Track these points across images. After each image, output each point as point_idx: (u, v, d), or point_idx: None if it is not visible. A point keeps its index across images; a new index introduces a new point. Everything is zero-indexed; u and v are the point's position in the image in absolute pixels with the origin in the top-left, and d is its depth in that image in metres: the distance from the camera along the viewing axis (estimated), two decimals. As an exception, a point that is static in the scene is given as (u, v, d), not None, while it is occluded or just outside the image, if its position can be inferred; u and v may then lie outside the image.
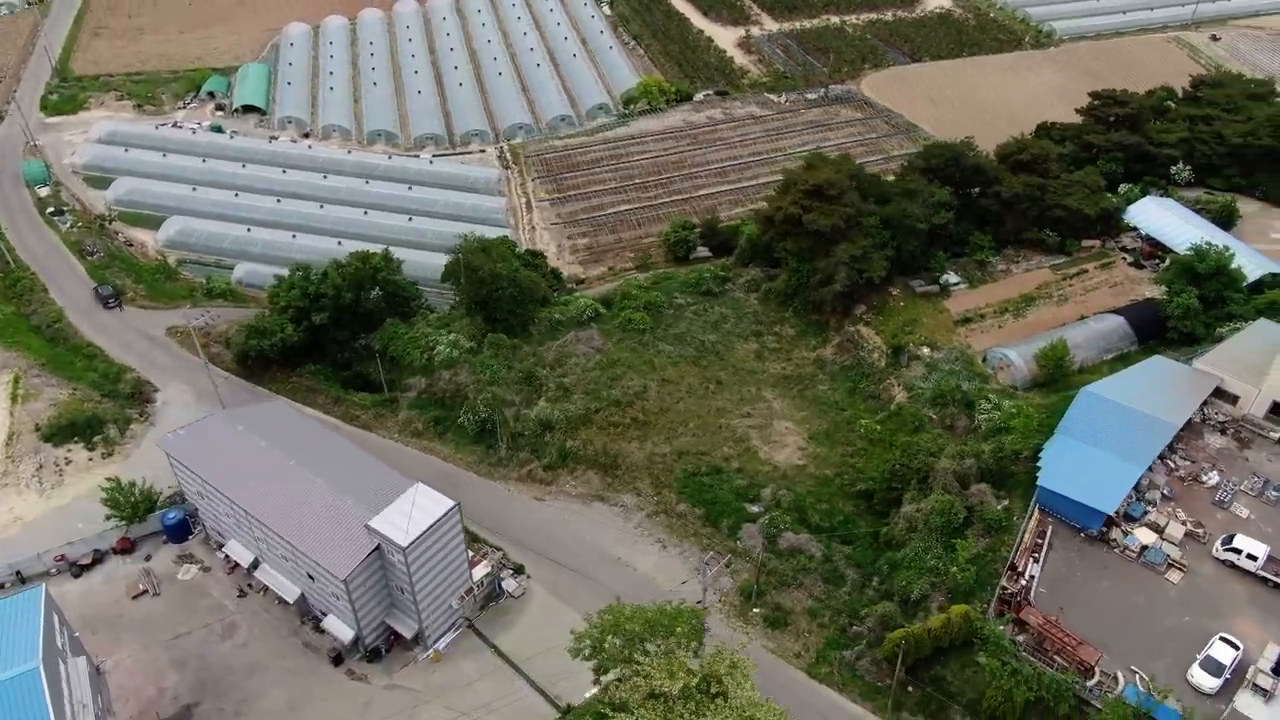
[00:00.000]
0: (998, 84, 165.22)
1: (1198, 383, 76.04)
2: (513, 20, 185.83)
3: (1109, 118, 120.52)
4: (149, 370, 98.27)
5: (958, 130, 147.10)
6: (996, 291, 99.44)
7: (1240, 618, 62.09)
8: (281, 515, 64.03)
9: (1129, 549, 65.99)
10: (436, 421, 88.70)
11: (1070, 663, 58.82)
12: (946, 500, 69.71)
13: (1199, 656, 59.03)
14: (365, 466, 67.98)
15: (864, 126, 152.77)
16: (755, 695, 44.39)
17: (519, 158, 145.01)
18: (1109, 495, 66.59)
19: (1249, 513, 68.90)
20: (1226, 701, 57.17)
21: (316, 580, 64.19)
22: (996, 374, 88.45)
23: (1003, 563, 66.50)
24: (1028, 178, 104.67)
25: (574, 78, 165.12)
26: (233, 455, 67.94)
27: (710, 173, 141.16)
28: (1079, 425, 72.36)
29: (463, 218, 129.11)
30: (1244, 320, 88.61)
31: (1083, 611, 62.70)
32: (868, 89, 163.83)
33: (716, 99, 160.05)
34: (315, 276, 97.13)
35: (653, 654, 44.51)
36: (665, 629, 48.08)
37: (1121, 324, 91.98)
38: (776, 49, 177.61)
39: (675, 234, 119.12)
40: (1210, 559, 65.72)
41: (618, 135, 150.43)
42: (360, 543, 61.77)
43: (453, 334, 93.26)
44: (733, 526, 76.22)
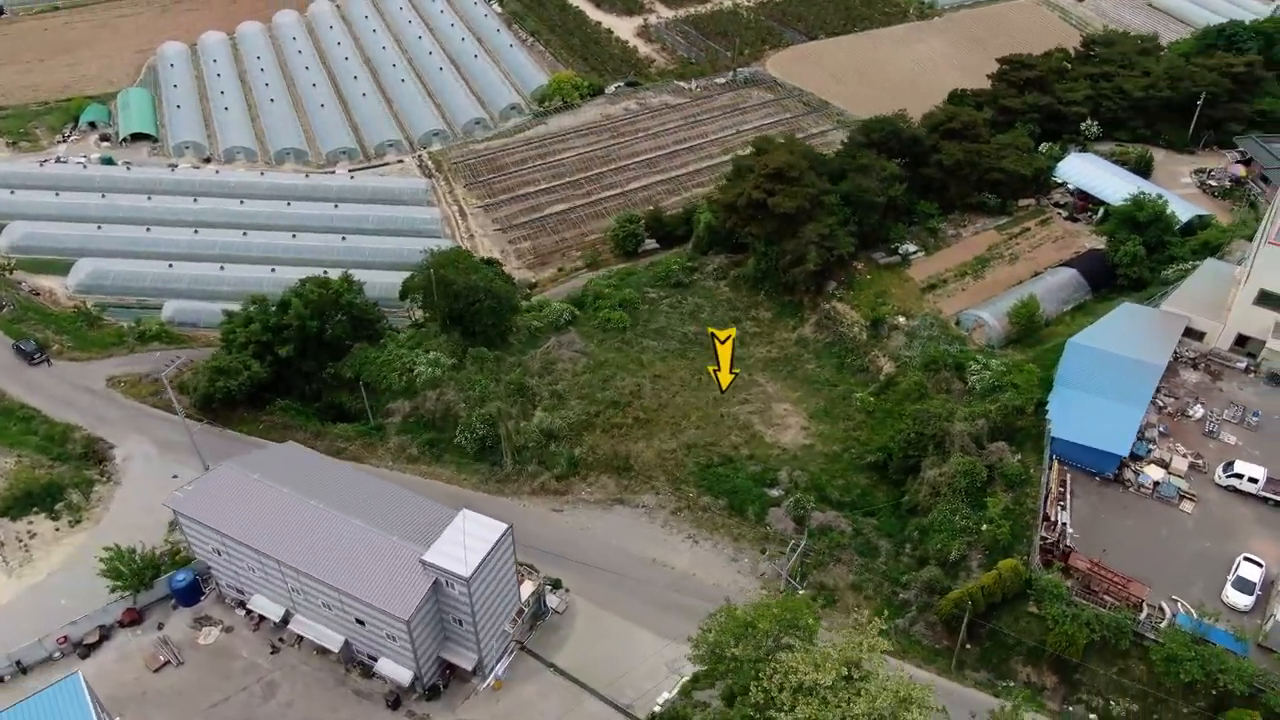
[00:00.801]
0: (893, 56, 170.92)
1: (1169, 324, 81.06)
2: (403, 25, 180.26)
3: (1019, 81, 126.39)
4: (97, 426, 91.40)
5: (867, 104, 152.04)
6: (952, 256, 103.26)
7: (1253, 537, 66.77)
8: (323, 561, 60.80)
9: (1143, 487, 69.98)
10: (431, 444, 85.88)
11: (1120, 600, 62.03)
12: (968, 461, 72.16)
13: (1229, 578, 63.21)
14: (400, 500, 65.17)
15: (778, 107, 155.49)
16: (894, 675, 45.14)
17: (441, 165, 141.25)
18: (1120, 438, 70.37)
19: (1236, 439, 74.08)
20: (1261, 616, 61.46)
21: (367, 624, 61.32)
22: (971, 335, 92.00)
23: (1030, 515, 69.38)
24: (963, 144, 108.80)
25: (480, 79, 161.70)
26: (254, 505, 63.97)
27: (639, 164, 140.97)
28: (1075, 376, 76.08)
29: (397, 232, 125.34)
30: (1183, 262, 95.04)
31: (1114, 550, 66.09)
32: (774, 69, 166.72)
33: (628, 90, 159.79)
34: (272, 308, 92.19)
35: (796, 648, 44.61)
36: (789, 622, 48.20)
37: (1074, 276, 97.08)
38: (676, 36, 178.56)
39: (622, 229, 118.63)
40: (1214, 486, 70.37)
41: (538, 134, 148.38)
42: (416, 579, 59.32)
43: (432, 353, 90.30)
44: (758, 513, 76.83)
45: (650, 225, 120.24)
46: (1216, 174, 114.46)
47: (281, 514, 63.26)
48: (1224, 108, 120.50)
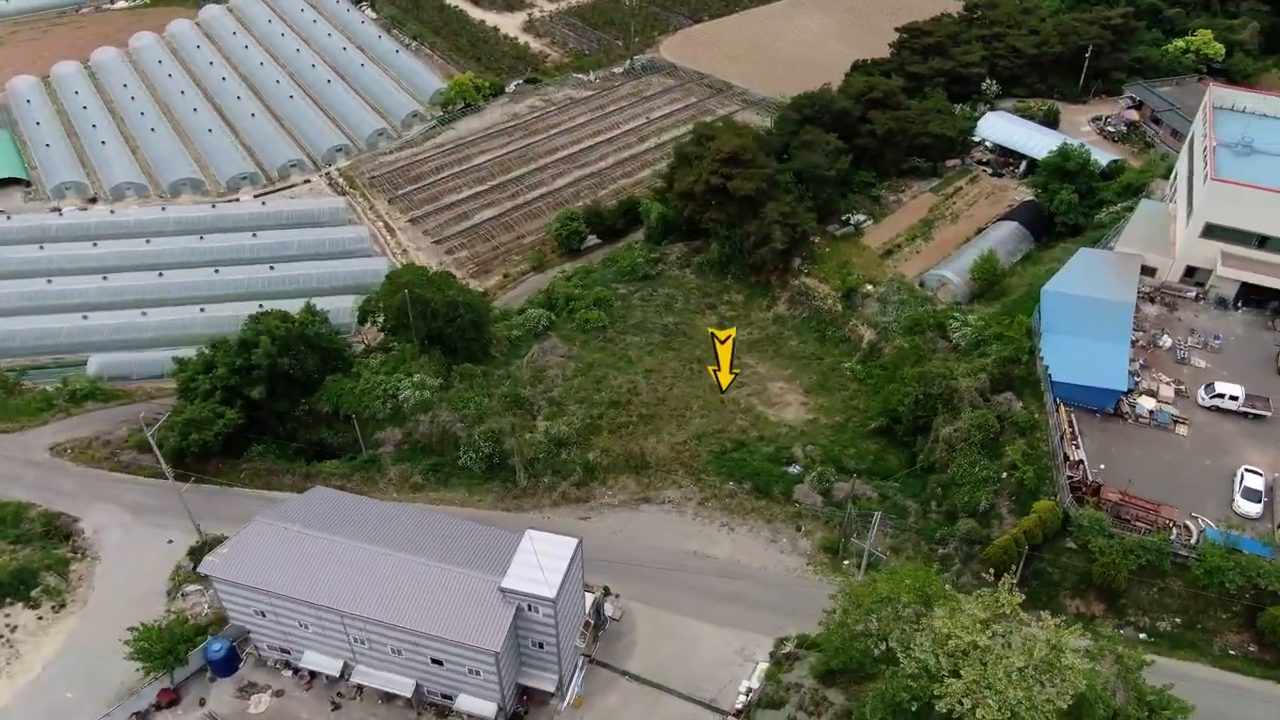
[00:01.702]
0: (781, 32, 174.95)
1: (1126, 264, 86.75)
2: (276, 39, 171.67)
3: (920, 48, 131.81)
4: (53, 500, 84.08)
5: (765, 81, 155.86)
6: (899, 222, 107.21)
7: (1245, 450, 72.62)
8: (393, 606, 58.05)
9: (1140, 417, 74.96)
10: (434, 469, 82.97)
11: (1152, 525, 66.43)
12: (980, 414, 75.42)
13: (1237, 489, 68.61)
14: (457, 531, 62.80)
15: (682, 92, 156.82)
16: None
17: (354, 181, 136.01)
18: (1115, 374, 75.05)
19: (1205, 363, 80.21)
20: (1270, 520, 67.08)
21: (446, 663, 59.07)
22: (936, 294, 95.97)
23: (1046, 458, 73.23)
24: (891, 113, 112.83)
25: (374, 89, 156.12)
26: (301, 558, 60.32)
27: (558, 161, 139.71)
28: (1058, 322, 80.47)
29: (326, 255, 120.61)
30: (1112, 205, 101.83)
31: (1131, 477, 70.54)
32: (668, 54, 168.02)
33: (528, 88, 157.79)
34: (230, 350, 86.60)
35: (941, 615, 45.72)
36: (922, 591, 49.33)
37: (1017, 228, 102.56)
38: (564, 29, 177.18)
39: (564, 227, 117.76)
40: (1198, 408, 76.08)
41: (448, 139, 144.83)
42: (497, 609, 57.48)
43: (415, 375, 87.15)
44: (784, 491, 78.00)
45: (590, 221, 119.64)
46: (1112, 120, 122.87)
47: (335, 562, 59.99)
48: (1107, 58, 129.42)
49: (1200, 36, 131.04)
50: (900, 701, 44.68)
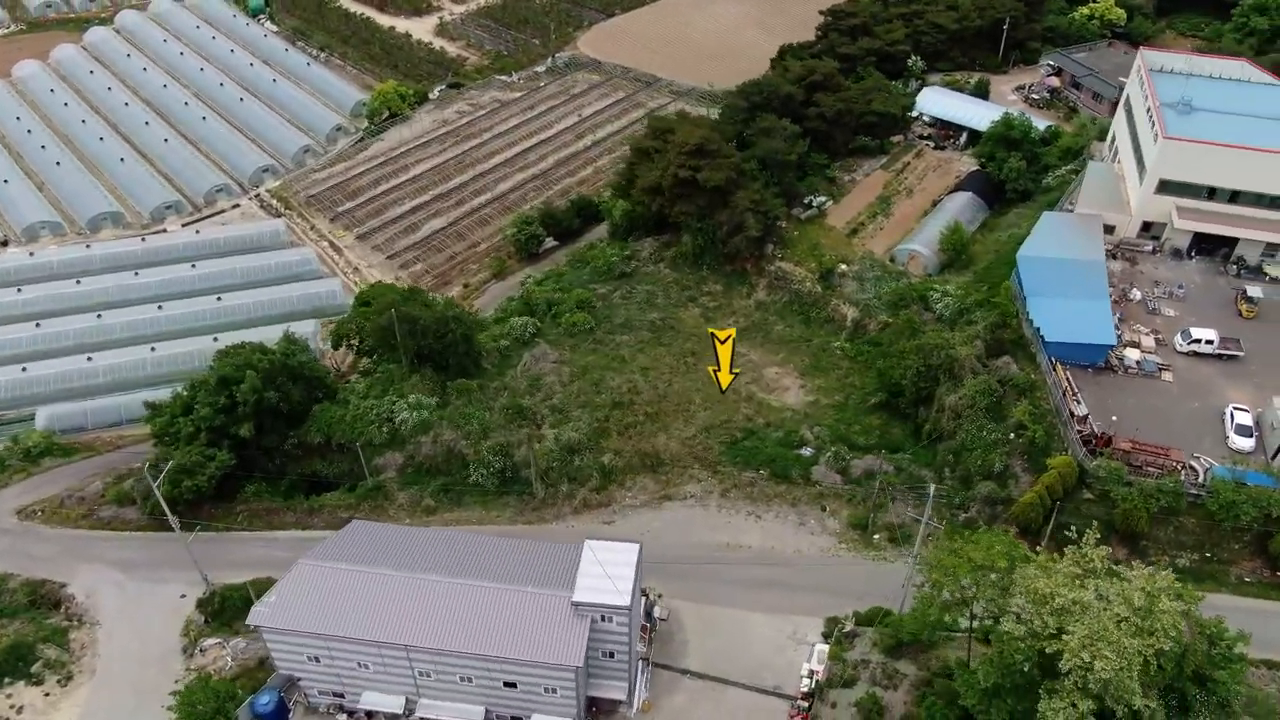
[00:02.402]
0: (695, 21, 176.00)
1: (1088, 224, 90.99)
2: (175, 59, 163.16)
3: (847, 29, 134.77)
4: (33, 567, 78.88)
5: (690, 71, 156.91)
6: (857, 200, 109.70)
7: (1226, 389, 77.36)
8: (463, 634, 56.54)
9: (1129, 368, 78.97)
10: (444, 490, 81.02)
11: (1163, 469, 70.18)
12: (983, 380, 78.13)
13: (1230, 426, 73.05)
14: (512, 551, 61.53)
15: (610, 87, 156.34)
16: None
17: (289, 201, 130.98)
18: (1103, 330, 78.80)
19: (1173, 311, 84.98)
20: (1263, 453, 71.69)
21: (520, 685, 57.98)
22: (907, 267, 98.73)
23: (1050, 415, 76.39)
24: (836, 95, 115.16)
25: (292, 105, 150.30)
26: (355, 597, 58.09)
27: (500, 165, 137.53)
28: (1039, 285, 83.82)
29: (273, 280, 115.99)
30: (1056, 169, 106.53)
31: (1129, 425, 74.33)
32: (587, 50, 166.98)
33: (453, 93, 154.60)
34: (210, 388, 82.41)
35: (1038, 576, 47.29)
36: (1010, 556, 50.83)
37: (971, 197, 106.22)
38: (477, 31, 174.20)
39: (522, 231, 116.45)
40: (1177, 354, 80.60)
41: (380, 151, 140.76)
42: (572, 624, 56.69)
43: (410, 396, 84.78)
44: (802, 474, 79.18)
45: (545, 223, 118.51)
46: (1035, 88, 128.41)
47: (393, 596, 58.04)
48: (1023, 29, 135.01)
49: (1103, 3, 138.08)
50: (1013, 664, 46.17)
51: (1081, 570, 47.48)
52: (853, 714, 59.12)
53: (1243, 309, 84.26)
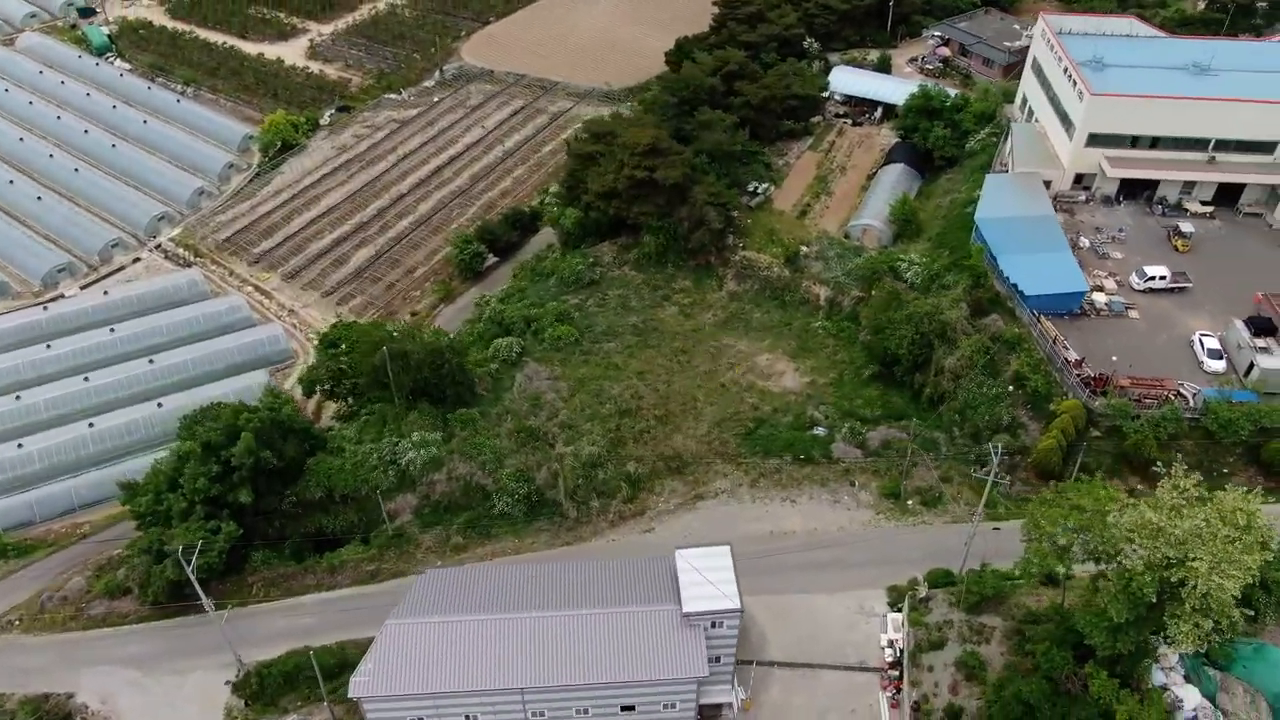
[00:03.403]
0: (573, 22, 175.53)
1: (1030, 181, 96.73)
2: (24, 108, 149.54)
3: (744, 17, 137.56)
4: (29, 681, 72.00)
5: (583, 72, 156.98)
6: (796, 183, 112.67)
7: (1186, 319, 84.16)
8: (575, 666, 55.17)
9: (1100, 311, 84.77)
10: (470, 525, 78.53)
11: (1160, 399, 75.87)
12: (978, 340, 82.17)
13: (1202, 352, 79.55)
14: (597, 573, 60.31)
15: (506, 95, 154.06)
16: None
17: (197, 249, 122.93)
18: (1075, 279, 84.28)
19: (1119, 254, 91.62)
20: (1233, 373, 78.57)
21: (639, 706, 57.19)
22: (862, 241, 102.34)
23: (1043, 364, 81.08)
24: (757, 83, 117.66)
25: (170, 146, 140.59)
26: (455, 649, 55.61)
27: (415, 186, 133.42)
28: (1004, 244, 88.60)
29: (205, 334, 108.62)
30: (975, 134, 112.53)
31: (1113, 363, 79.79)
32: (471, 60, 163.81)
33: (344, 116, 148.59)
34: (198, 457, 76.78)
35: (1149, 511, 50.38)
36: (1110, 499, 53.75)
37: (904, 168, 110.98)
38: (352, 51, 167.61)
39: (464, 251, 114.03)
40: (1135, 292, 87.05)
41: (283, 184, 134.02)
42: (686, 635, 56.36)
43: (414, 434, 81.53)
44: (824, 454, 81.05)
45: (484, 240, 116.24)
46: (928, 59, 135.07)
47: (495, 641, 56.01)
48: (905, 3, 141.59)
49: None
50: (1141, 596, 49.14)
51: (1181, 500, 50.96)
52: (952, 673, 61.26)
53: (1177, 244, 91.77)
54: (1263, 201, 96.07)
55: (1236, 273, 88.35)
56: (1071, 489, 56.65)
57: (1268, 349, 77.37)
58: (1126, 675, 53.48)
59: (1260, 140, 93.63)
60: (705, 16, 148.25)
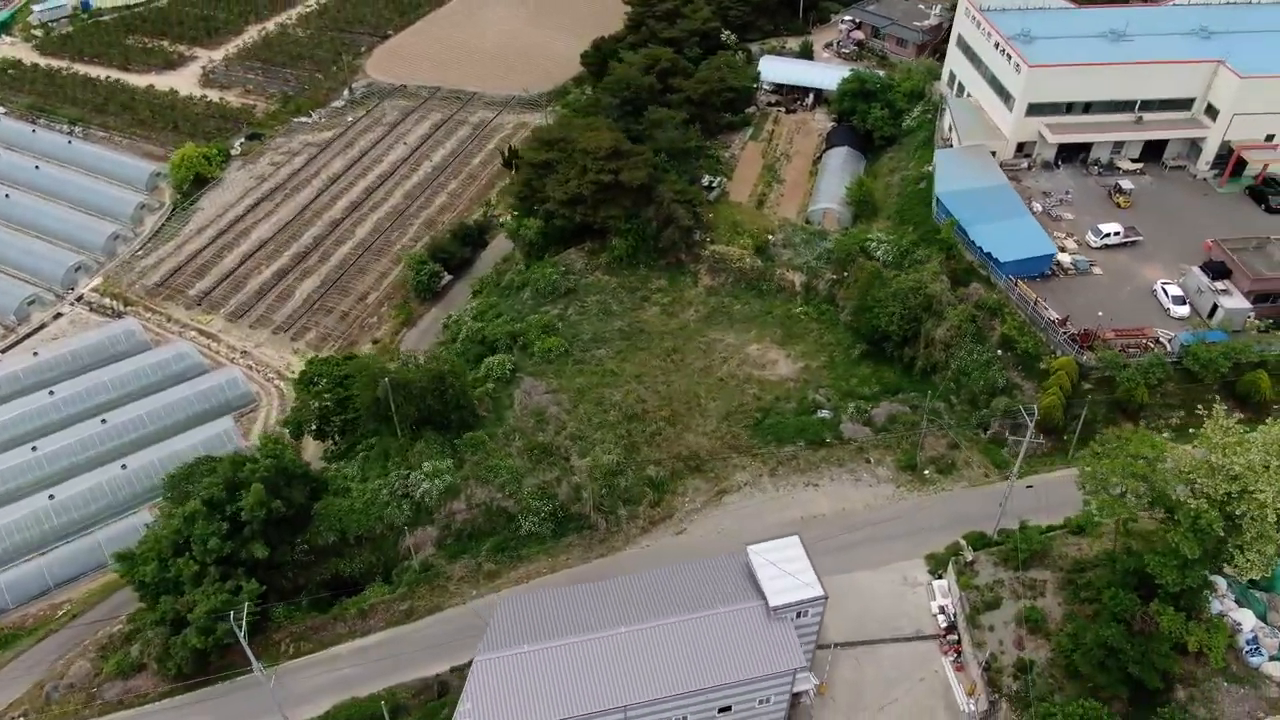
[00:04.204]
0: (476, 29, 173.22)
1: (979, 153, 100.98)
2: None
3: (661, 14, 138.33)
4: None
5: (498, 81, 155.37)
6: (746, 174, 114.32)
7: (1143, 269, 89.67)
8: (673, 676, 54.70)
9: (1068, 270, 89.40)
10: (499, 550, 76.90)
11: (1142, 347, 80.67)
12: (965, 310, 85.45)
13: (1166, 300, 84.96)
14: (673, 579, 59.90)
15: (424, 109, 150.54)
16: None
17: (126, 297, 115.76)
18: (1043, 242, 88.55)
19: (1070, 214, 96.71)
20: (1198, 316, 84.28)
21: (735, 706, 57.36)
22: (824, 225, 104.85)
23: (1029, 326, 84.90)
24: (693, 78, 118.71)
25: (73, 191, 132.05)
26: (550, 676, 54.27)
27: (347, 209, 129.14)
28: (970, 214, 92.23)
29: (157, 386, 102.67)
30: (910, 113, 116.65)
31: (1088, 318, 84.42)
32: (380, 76, 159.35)
33: (256, 144, 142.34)
34: (202, 514, 72.58)
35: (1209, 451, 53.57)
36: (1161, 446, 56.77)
37: (849, 150, 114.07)
38: (249, 75, 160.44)
39: (420, 272, 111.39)
40: (1094, 249, 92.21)
41: (205, 221, 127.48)
42: (775, 629, 56.77)
43: (425, 464, 79.17)
44: (835, 435, 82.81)
45: (437, 259, 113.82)
46: (843, 43, 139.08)
47: (590, 662, 55.10)
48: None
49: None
50: (1210, 532, 52.41)
51: (1229, 438, 54.61)
52: (1014, 629, 63.81)
53: (1119, 201, 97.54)
54: (1185, 155, 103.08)
55: (1175, 222, 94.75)
56: (1136, 437, 59.40)
57: (1227, 291, 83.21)
58: (1189, 608, 56.93)
59: (1179, 98, 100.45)
60: (609, 17, 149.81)
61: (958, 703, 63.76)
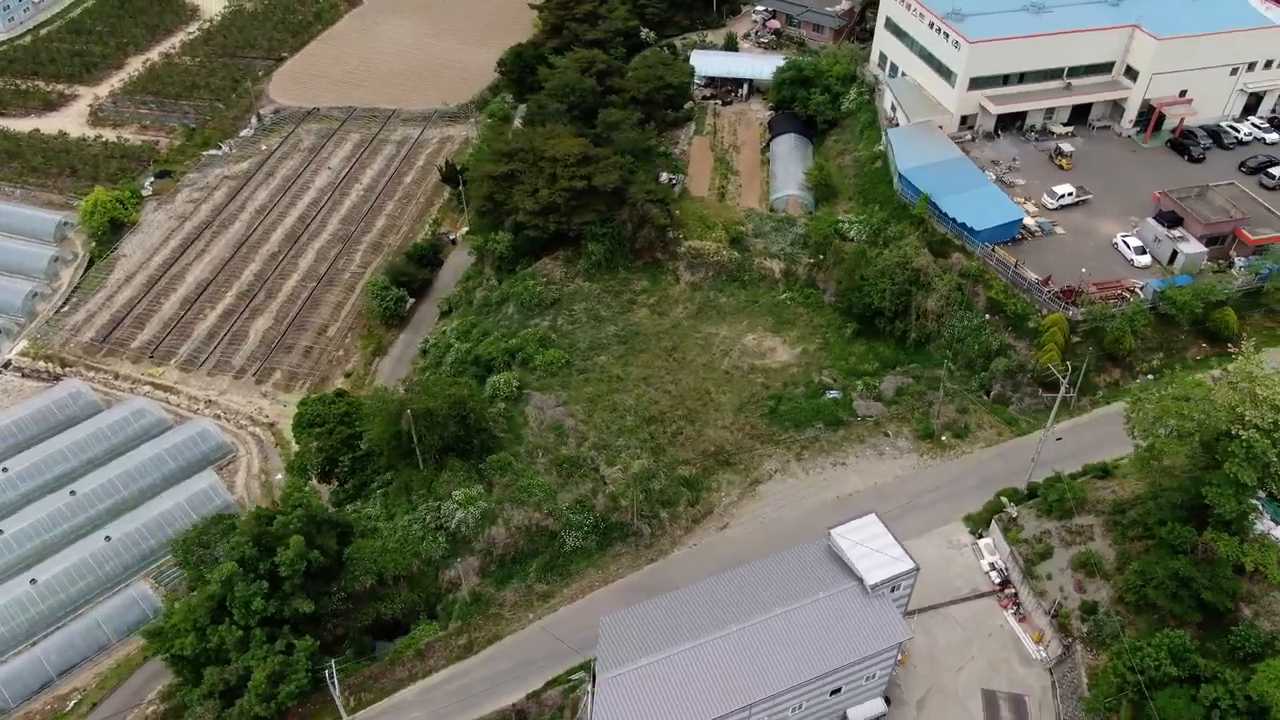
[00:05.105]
0: (375, 45, 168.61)
1: (929, 129, 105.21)
2: None
3: (580, 16, 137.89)
4: None
5: (413, 95, 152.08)
6: (700, 168, 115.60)
7: (1100, 225, 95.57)
8: (788, 669, 55.23)
9: (1034, 233, 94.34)
10: (548, 569, 75.74)
11: (1121, 298, 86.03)
12: (951, 279, 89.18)
13: (1129, 252, 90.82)
14: (764, 572, 60.40)
15: (342, 131, 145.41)
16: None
17: (62, 358, 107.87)
18: (1010, 209, 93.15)
19: (1021, 180, 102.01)
20: (1159, 263, 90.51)
21: (844, 687, 58.55)
22: (789, 211, 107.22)
23: (1012, 288, 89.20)
24: (634, 78, 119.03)
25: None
26: (674, 685, 53.95)
27: (284, 242, 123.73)
28: (937, 188, 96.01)
29: (124, 445, 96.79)
30: (846, 96, 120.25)
31: (1069, 275, 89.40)
32: (284, 100, 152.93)
33: (169, 182, 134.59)
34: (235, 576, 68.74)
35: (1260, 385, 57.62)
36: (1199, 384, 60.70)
37: (797, 137, 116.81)
38: (143, 110, 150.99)
39: (385, 297, 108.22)
40: (1051, 211, 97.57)
41: (132, 268, 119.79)
42: (878, 605, 58.23)
43: (455, 493, 77.08)
44: (849, 413, 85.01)
45: (398, 284, 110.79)
46: (760, 33, 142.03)
47: (706, 666, 55.13)
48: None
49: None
50: (1265, 457, 56.79)
51: (1263, 371, 59.25)
52: (1071, 574, 67.31)
53: (1062, 163, 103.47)
54: (1108, 115, 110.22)
55: (1113, 178, 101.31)
56: (1178, 379, 63.41)
57: (1184, 238, 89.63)
58: (1237, 532, 61.43)
59: (1101, 63, 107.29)
60: (509, 24, 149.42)
61: (1029, 652, 66.85)
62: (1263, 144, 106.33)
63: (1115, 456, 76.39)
